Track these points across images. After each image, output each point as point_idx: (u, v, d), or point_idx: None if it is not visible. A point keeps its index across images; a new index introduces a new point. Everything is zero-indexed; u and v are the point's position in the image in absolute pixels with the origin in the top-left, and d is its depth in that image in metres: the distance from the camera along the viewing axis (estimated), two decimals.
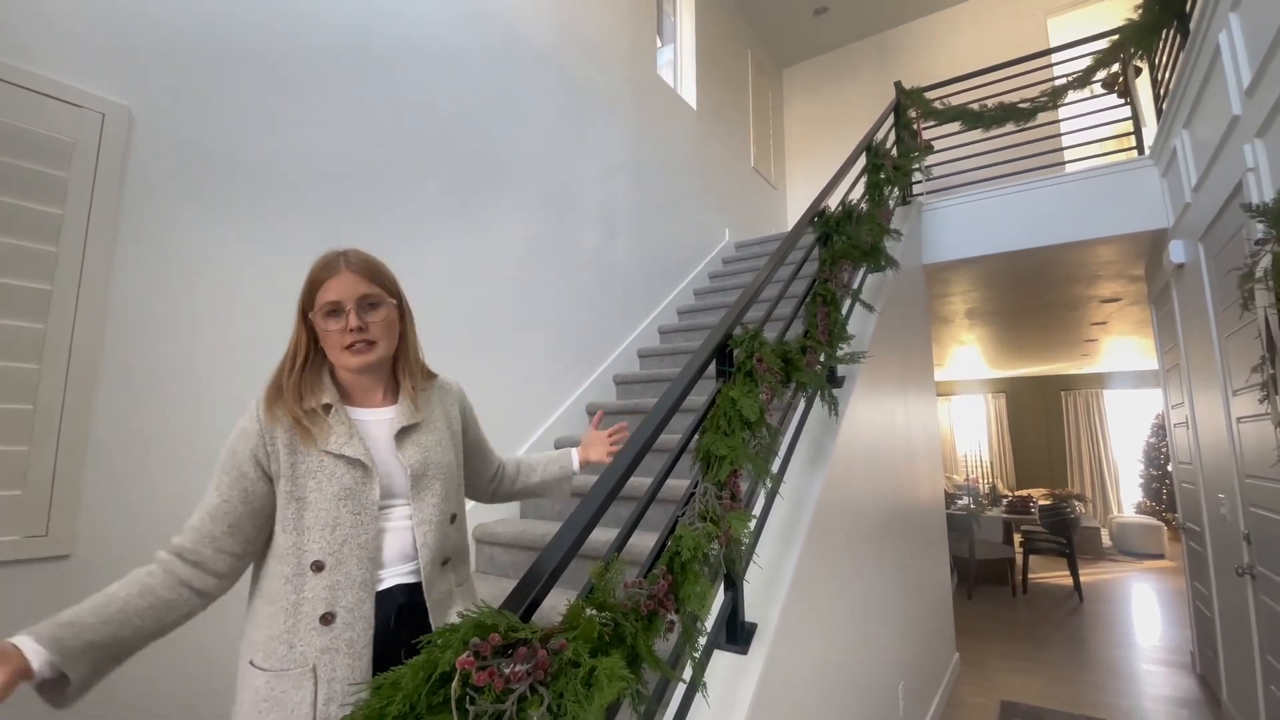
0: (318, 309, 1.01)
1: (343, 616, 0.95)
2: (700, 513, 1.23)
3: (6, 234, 1.43)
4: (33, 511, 1.43)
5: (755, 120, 5.88)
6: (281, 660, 0.93)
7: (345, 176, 2.22)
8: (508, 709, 0.72)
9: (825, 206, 2.43)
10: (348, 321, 1.01)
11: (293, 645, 0.94)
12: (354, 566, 0.97)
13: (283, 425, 0.98)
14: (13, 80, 1.47)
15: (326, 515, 0.96)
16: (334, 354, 1.03)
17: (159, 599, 0.91)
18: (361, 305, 1.02)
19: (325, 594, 0.95)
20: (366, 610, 0.97)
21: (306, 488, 0.97)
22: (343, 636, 0.95)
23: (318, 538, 0.96)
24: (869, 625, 2.20)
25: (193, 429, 1.72)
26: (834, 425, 2.04)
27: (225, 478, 0.97)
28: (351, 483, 0.98)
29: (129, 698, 1.54)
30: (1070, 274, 4.06)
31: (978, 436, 10.21)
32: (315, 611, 0.94)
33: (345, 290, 1.01)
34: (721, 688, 1.35)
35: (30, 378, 1.45)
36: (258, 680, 0.93)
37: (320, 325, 1.02)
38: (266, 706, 0.91)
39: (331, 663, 0.94)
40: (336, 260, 1.04)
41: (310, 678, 0.93)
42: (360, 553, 0.98)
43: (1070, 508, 6.01)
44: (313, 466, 0.97)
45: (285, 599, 0.95)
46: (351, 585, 0.97)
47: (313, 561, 0.95)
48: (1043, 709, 3.17)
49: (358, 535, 0.98)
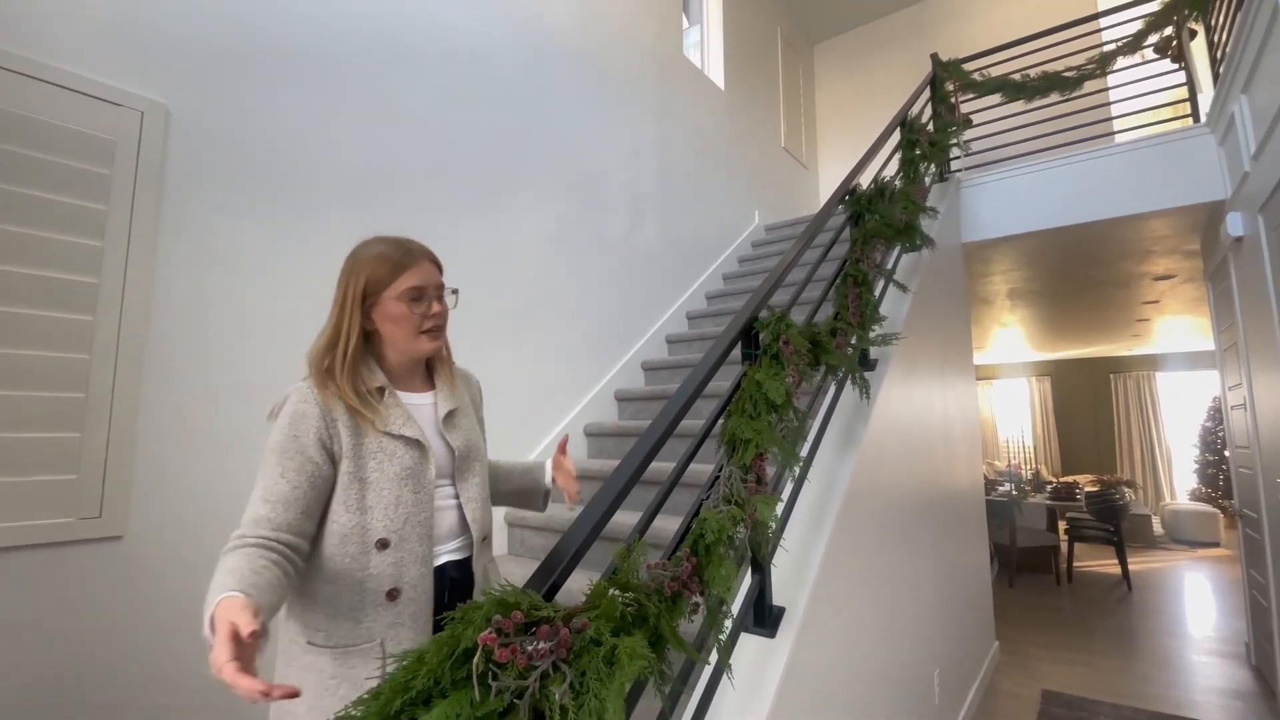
0: (399, 293, 1.03)
1: (407, 592, 0.98)
2: (725, 496, 1.22)
3: (55, 230, 1.50)
4: (87, 495, 1.51)
5: (786, 99, 5.75)
6: (348, 636, 0.95)
7: (373, 169, 2.26)
8: (530, 685, 0.73)
9: (856, 184, 2.37)
10: (430, 308, 1.06)
11: (359, 621, 0.96)
12: (415, 543, 1.00)
13: (341, 407, 0.99)
14: (57, 81, 1.52)
15: (389, 494, 0.99)
16: (407, 338, 1.05)
17: (285, 578, 0.89)
18: (440, 293, 1.09)
19: (391, 570, 0.98)
20: (428, 585, 1.01)
21: (368, 468, 0.99)
22: (407, 611, 0.98)
23: (381, 516, 0.98)
24: (902, 611, 2.16)
25: (236, 415, 1.78)
26: (865, 409, 2.00)
27: (291, 464, 0.95)
28: (411, 462, 1.01)
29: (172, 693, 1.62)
30: (1120, 250, 3.88)
31: (1021, 421, 9.90)
32: (381, 588, 0.97)
33: (428, 278, 1.07)
34: (749, 670, 1.34)
35: (81, 368, 1.52)
36: (323, 659, 0.95)
37: (397, 309, 1.03)
38: (335, 684, 0.94)
39: (398, 636, 0.97)
40: (412, 248, 1.08)
41: (379, 651, 0.96)
42: (420, 529, 1.01)
43: (1119, 494, 5.80)
44: (373, 448, 0.99)
45: (350, 577, 0.96)
46: (414, 561, 1.00)
47: (378, 539, 0.97)
48: (1086, 699, 3.08)
49: (418, 513, 1.01)
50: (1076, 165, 3.36)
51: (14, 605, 1.41)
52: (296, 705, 0.95)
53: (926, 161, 3.06)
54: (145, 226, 1.64)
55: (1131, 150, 3.23)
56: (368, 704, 0.68)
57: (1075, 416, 9.42)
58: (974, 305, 5.37)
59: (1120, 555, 5.35)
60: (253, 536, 0.89)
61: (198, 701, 1.64)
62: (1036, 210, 3.48)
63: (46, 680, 1.44)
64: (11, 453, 1.41)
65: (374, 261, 1.04)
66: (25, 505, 1.42)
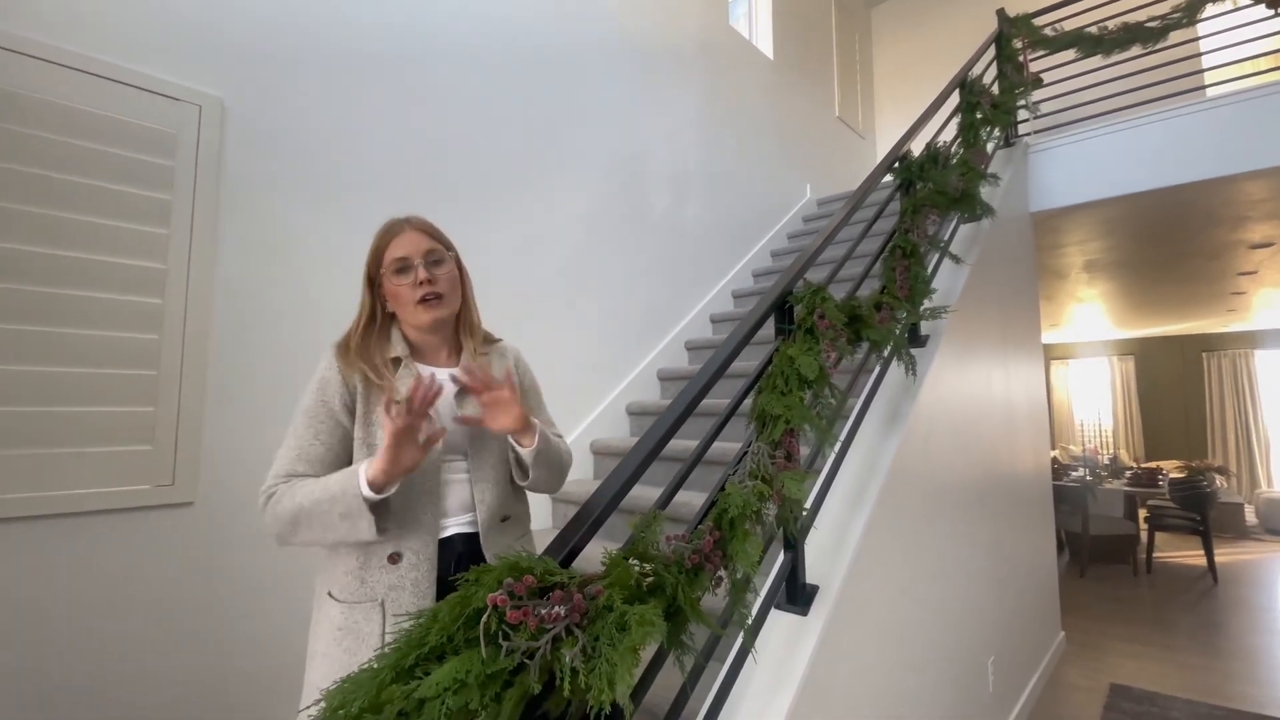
0: (386, 267, 1.08)
1: (408, 558, 1.02)
2: (752, 471, 1.20)
3: (126, 219, 1.61)
4: (161, 464, 1.63)
5: (840, 66, 5.52)
6: (354, 594, 1.01)
7: (414, 154, 2.31)
8: (542, 646, 0.75)
9: (907, 151, 2.26)
10: (416, 275, 1.06)
11: (364, 581, 1.01)
12: (419, 511, 1.04)
13: (357, 376, 1.05)
14: (121, 79, 1.63)
15: None
16: (406, 311, 1.09)
17: None
18: (428, 260, 1.09)
19: (393, 536, 1.02)
20: (430, 553, 1.04)
21: (376, 435, 1.04)
22: (408, 576, 1.02)
23: None
24: (952, 596, 2.09)
25: (293, 388, 1.88)
26: (913, 387, 1.92)
27: (324, 426, 1.03)
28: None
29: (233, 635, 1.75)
30: (1211, 216, 3.55)
31: (1100, 403, 9.31)
32: (384, 551, 1.02)
33: (411, 246, 1.08)
34: (780, 647, 1.33)
35: (152, 347, 1.64)
36: (334, 610, 1.02)
37: (391, 284, 1.08)
38: (341, 634, 1.00)
39: (398, 599, 1.00)
40: (398, 222, 1.11)
41: (379, 611, 1.00)
42: (426, 499, 1.04)
43: (1207, 481, 5.39)
44: (382, 416, 1.02)
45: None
46: (417, 529, 1.03)
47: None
48: (1158, 694, 2.91)
49: (422, 483, 1.04)
50: (1161, 124, 3.09)
51: (100, 564, 1.55)
52: (316, 647, 1.03)
53: (989, 125, 2.88)
54: (206, 214, 1.74)
55: (1224, 105, 2.93)
56: (383, 658, 0.72)
57: (1162, 398, 8.78)
58: (1045, 279, 5.05)
59: (1206, 545, 4.98)
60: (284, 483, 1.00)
61: (258, 651, 1.77)
62: (1115, 174, 3.21)
63: (127, 632, 1.59)
64: (94, 425, 1.55)
65: (372, 243, 1.11)
66: (107, 473, 1.56)
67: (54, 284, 1.51)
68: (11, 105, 1.48)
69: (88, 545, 1.54)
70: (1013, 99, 3.22)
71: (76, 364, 1.53)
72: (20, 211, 1.48)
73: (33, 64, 1.51)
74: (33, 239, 1.49)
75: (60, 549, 1.50)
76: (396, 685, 0.68)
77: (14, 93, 1.49)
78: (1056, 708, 2.84)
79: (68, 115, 1.55)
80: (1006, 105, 3.15)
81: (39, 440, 1.47)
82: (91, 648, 1.53)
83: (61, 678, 1.49)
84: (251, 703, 1.75)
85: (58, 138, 1.53)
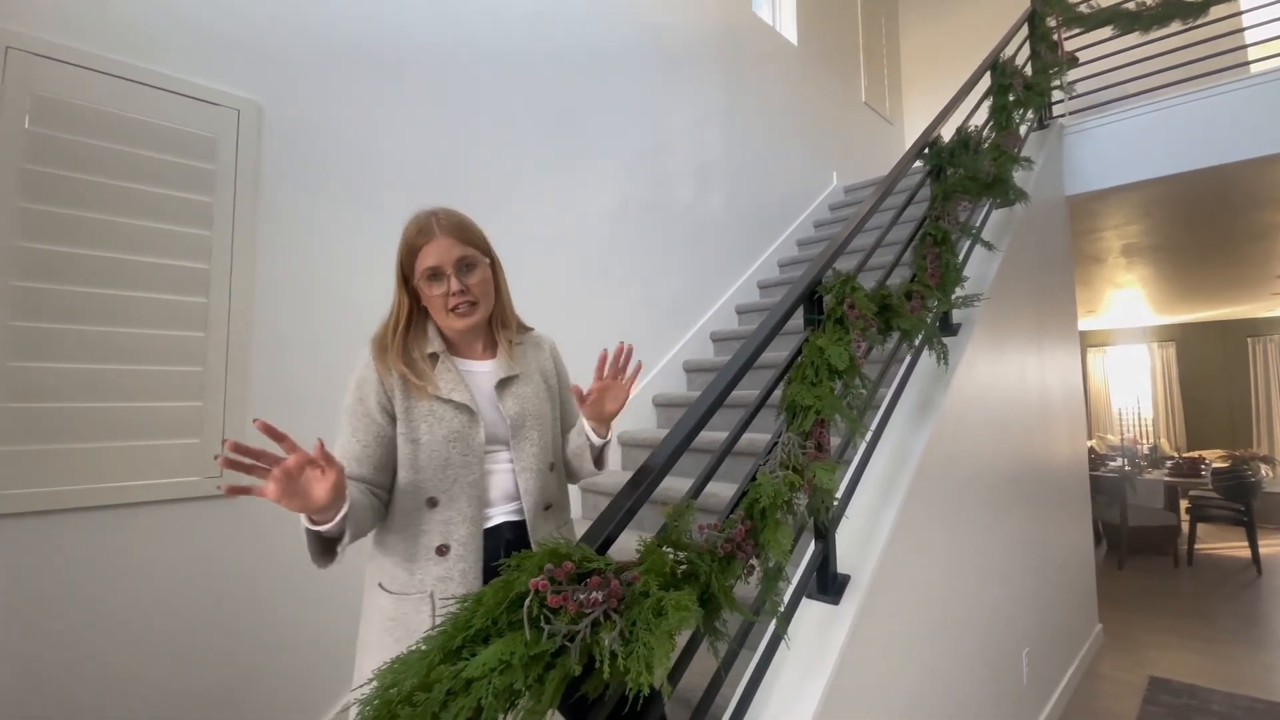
0: (419, 275, 1.06)
1: (455, 549, 1.04)
2: (782, 462, 1.21)
3: (172, 222, 1.68)
4: (208, 456, 1.70)
5: (866, 50, 5.42)
6: (404, 585, 1.04)
7: (447, 153, 2.35)
8: (581, 630, 0.77)
9: (937, 136, 2.22)
10: (449, 286, 1.06)
11: (413, 573, 1.04)
12: (464, 504, 1.05)
13: (395, 373, 1.06)
14: (163, 86, 1.69)
15: (439, 455, 1.04)
16: (439, 316, 1.09)
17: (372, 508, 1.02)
18: (459, 268, 1.07)
19: (440, 528, 1.04)
20: (477, 544, 1.06)
21: (419, 430, 1.05)
22: (456, 567, 1.04)
23: (431, 476, 1.04)
24: (985, 587, 2.07)
25: (333, 382, 1.93)
26: (945, 376, 1.90)
27: (360, 424, 1.04)
28: (459, 426, 1.06)
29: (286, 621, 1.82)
30: (1255, 197, 3.42)
31: (1139, 391, 9.05)
32: (431, 543, 1.04)
33: (442, 255, 1.05)
34: (811, 636, 1.34)
35: (198, 344, 1.70)
36: (384, 601, 1.04)
37: (424, 291, 1.07)
38: (391, 625, 1.03)
39: (446, 590, 1.02)
40: (429, 223, 1.08)
41: (428, 602, 1.02)
42: (470, 490, 1.06)
43: (1251, 470, 5.22)
44: (424, 411, 1.05)
45: (406, 530, 1.05)
46: (463, 521, 1.05)
47: (428, 498, 1.04)
48: (1198, 687, 2.84)
49: (466, 474, 1.06)
50: (1202, 102, 2.98)
51: (154, 553, 1.63)
52: (369, 638, 1.05)
53: (1021, 108, 2.81)
54: (246, 215, 1.80)
55: (1269, 82, 2.82)
56: (431, 640, 0.75)
57: (1204, 385, 8.50)
58: (1081, 264, 4.92)
59: (1251, 537, 4.83)
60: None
61: (306, 632, 1.84)
62: (1154, 155, 3.11)
63: (176, 619, 1.66)
64: (146, 419, 1.62)
65: (401, 243, 1.09)
66: (160, 465, 1.63)
67: (107, 285, 1.58)
68: (68, 115, 1.55)
69: (142, 534, 1.61)
70: (1046, 80, 3.13)
71: (129, 361, 1.60)
72: (77, 217, 1.55)
73: (86, 75, 1.58)
74: (89, 242, 1.56)
75: (116, 538, 1.58)
76: (444, 666, 0.71)
77: (70, 103, 1.55)
78: (1094, 700, 2.79)
79: (118, 123, 1.61)
80: (1040, 86, 3.07)
81: (95, 434, 1.55)
82: (146, 635, 1.61)
83: (111, 665, 1.57)
84: (294, 684, 1.82)
85: (109, 145, 1.60)
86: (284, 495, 0.81)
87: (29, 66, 1.51)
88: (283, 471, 0.80)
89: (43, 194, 1.51)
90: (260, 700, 1.77)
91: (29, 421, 1.47)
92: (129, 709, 1.57)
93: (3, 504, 1.43)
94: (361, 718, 0.70)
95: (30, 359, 1.48)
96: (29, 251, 1.49)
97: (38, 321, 1.49)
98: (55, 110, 1.54)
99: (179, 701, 1.64)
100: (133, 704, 1.58)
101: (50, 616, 1.49)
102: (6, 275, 1.46)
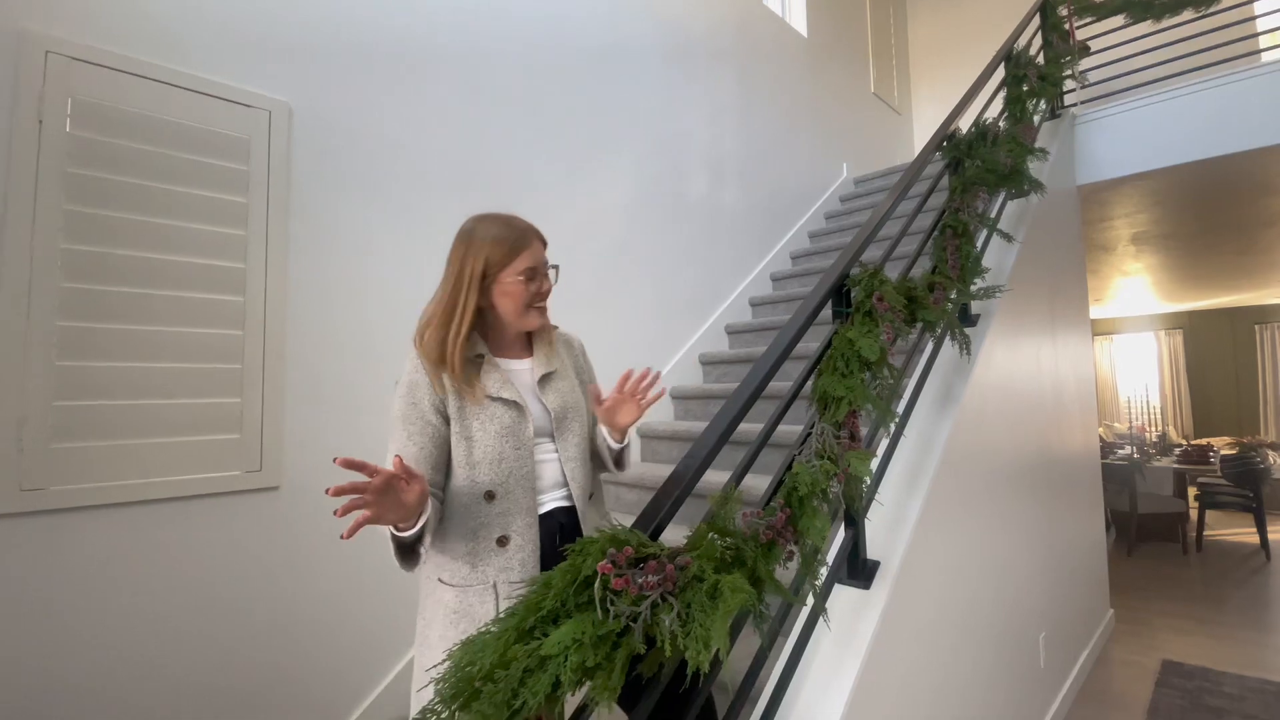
0: (511, 273, 1.11)
1: (515, 539, 1.09)
2: (817, 451, 1.24)
3: (207, 222, 1.72)
4: (249, 451, 1.74)
5: (875, 40, 5.41)
6: (466, 578, 1.08)
7: (470, 151, 2.38)
8: (642, 612, 0.81)
9: (955, 129, 2.24)
10: (541, 285, 1.15)
11: (475, 565, 1.08)
12: (520, 495, 1.10)
13: (447, 375, 1.09)
14: (197, 89, 1.72)
15: (493, 450, 1.09)
16: (517, 311, 1.13)
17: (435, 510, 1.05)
18: (546, 270, 1.17)
19: (499, 520, 1.08)
20: (534, 534, 1.10)
21: (472, 428, 1.09)
22: (515, 556, 1.08)
23: (487, 470, 1.08)
24: (1004, 573, 2.11)
25: (368, 379, 2.00)
26: (966, 366, 1.93)
27: (414, 427, 1.07)
28: (510, 421, 1.10)
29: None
30: (1266, 185, 3.43)
31: (1146, 379, 9.05)
32: (492, 535, 1.08)
33: (538, 257, 1.15)
34: (844, 620, 1.38)
35: (236, 342, 1.74)
36: (447, 595, 1.08)
37: (514, 287, 1.11)
38: (456, 617, 1.07)
39: (508, 579, 1.07)
40: (526, 229, 1.15)
41: (492, 593, 1.07)
42: (523, 482, 1.11)
43: (1260, 457, 5.24)
44: (475, 410, 1.09)
45: (466, 525, 1.08)
46: (519, 511, 1.10)
47: (485, 492, 1.08)
48: (1209, 670, 2.88)
49: (520, 467, 1.11)
50: (1214, 91, 2.98)
51: (200, 544, 1.68)
52: (430, 632, 1.09)
53: (1035, 98, 2.82)
54: (278, 215, 1.84)
55: None
56: (504, 621, 0.79)
57: (1212, 372, 8.50)
58: (1091, 253, 4.93)
59: (1259, 522, 4.87)
60: None
61: (346, 620, 1.89)
62: (1165, 144, 3.12)
63: (220, 604, 1.71)
64: (189, 416, 1.66)
65: (492, 243, 1.11)
66: (203, 460, 1.68)
67: (149, 285, 1.62)
68: (107, 118, 1.59)
69: (189, 527, 1.66)
70: (1059, 69, 3.14)
71: (170, 359, 1.64)
72: (118, 219, 1.59)
73: (122, 78, 1.61)
74: (130, 243, 1.60)
75: (160, 532, 1.62)
76: (519, 645, 0.75)
77: (109, 106, 1.59)
78: (1108, 683, 2.84)
79: (155, 126, 1.65)
80: (1053, 76, 3.08)
81: (139, 431, 1.59)
82: (184, 625, 1.66)
83: (148, 655, 1.62)
84: (326, 676, 1.88)
85: (147, 147, 1.63)
86: (382, 512, 0.86)
87: (68, 71, 1.55)
88: (374, 493, 0.84)
89: (85, 197, 1.55)
90: (293, 691, 1.82)
91: (77, 419, 1.52)
92: (172, 698, 1.62)
93: (50, 500, 1.48)
94: (440, 694, 0.75)
95: (77, 358, 1.52)
96: (74, 253, 1.53)
97: (84, 321, 1.53)
98: (94, 114, 1.57)
99: (212, 695, 1.69)
100: (172, 694, 1.63)
101: (97, 607, 1.54)
102: (53, 277, 1.50)
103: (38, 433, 1.46)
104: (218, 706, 1.68)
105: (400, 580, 1.99)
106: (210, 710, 1.67)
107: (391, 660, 2.01)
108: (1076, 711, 2.61)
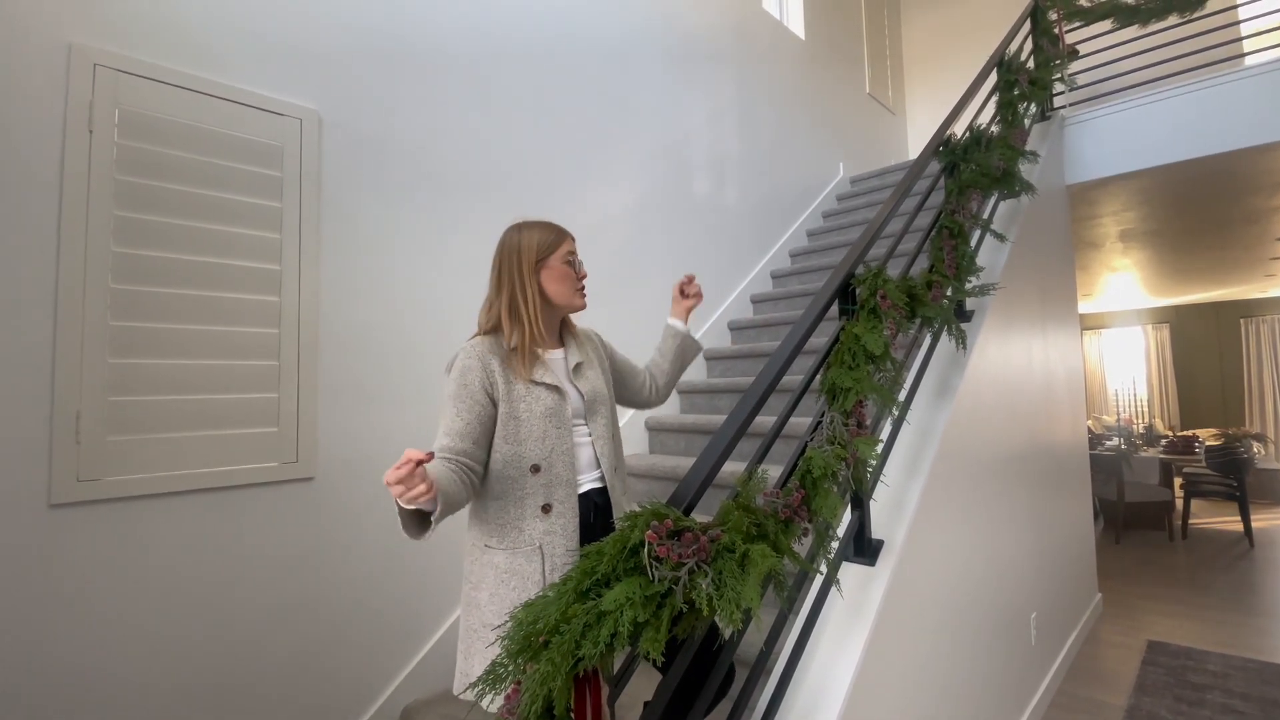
0: (561, 257, 1.29)
1: (557, 508, 1.22)
2: (828, 437, 1.35)
3: (245, 226, 1.80)
4: (285, 444, 1.84)
5: (870, 43, 5.53)
6: (515, 541, 1.20)
7: (489, 154, 2.48)
8: (682, 577, 0.92)
9: (950, 134, 2.35)
10: (580, 269, 1.33)
11: (522, 530, 1.20)
12: (561, 469, 1.23)
13: (496, 361, 1.23)
14: (233, 98, 1.81)
15: (538, 429, 1.22)
16: (569, 294, 1.31)
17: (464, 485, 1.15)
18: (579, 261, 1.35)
19: (543, 490, 1.21)
20: (573, 503, 1.24)
21: (519, 409, 1.22)
22: (558, 523, 1.21)
23: (533, 447, 1.21)
24: (998, 555, 2.23)
25: (396, 373, 2.10)
26: (961, 360, 2.05)
27: (464, 405, 1.19)
28: (552, 403, 1.24)
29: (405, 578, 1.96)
30: (1250, 184, 3.57)
31: (1134, 373, 9.24)
32: (537, 503, 1.21)
33: (573, 247, 1.33)
34: (851, 594, 1.49)
35: (272, 340, 1.83)
36: (498, 558, 1.20)
37: (562, 269, 1.29)
38: (507, 576, 1.19)
39: (552, 543, 1.20)
40: (560, 229, 1.33)
41: (539, 554, 1.19)
42: (565, 458, 1.24)
43: (1243, 448, 5.40)
44: (522, 392, 1.22)
45: (512, 495, 1.21)
46: (560, 483, 1.23)
47: (531, 465, 1.21)
48: (1194, 649, 3.02)
49: (561, 444, 1.24)
50: (1199, 93, 3.11)
51: (242, 533, 1.77)
52: (479, 594, 1.20)
53: (1026, 102, 2.94)
54: (311, 218, 1.93)
55: (1265, 73, 2.95)
56: (560, 587, 0.89)
57: (1198, 366, 8.70)
58: (1079, 250, 5.07)
59: (1243, 511, 5.03)
60: (438, 456, 1.15)
61: (377, 604, 1.99)
62: (1152, 145, 3.25)
63: (264, 585, 1.80)
64: (229, 410, 1.75)
65: (539, 234, 1.29)
66: (242, 453, 1.77)
67: (192, 286, 1.71)
68: (151, 128, 1.67)
69: (231, 516, 1.75)
70: (1049, 73, 3.25)
71: (213, 357, 1.73)
72: (163, 223, 1.67)
73: (164, 89, 1.70)
74: (175, 246, 1.69)
75: (202, 522, 1.71)
76: (578, 605, 0.85)
77: (152, 116, 1.67)
78: (1096, 661, 2.98)
79: (195, 134, 1.73)
80: (1043, 80, 3.20)
81: (184, 425, 1.68)
82: (225, 610, 1.75)
83: (201, 639, 1.71)
84: (358, 660, 1.97)
85: (188, 155, 1.72)
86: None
87: (114, 82, 1.63)
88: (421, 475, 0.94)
89: (133, 202, 1.64)
90: (327, 669, 1.92)
91: (128, 413, 1.60)
92: (213, 677, 1.72)
93: (104, 490, 1.57)
94: (506, 650, 0.85)
95: (126, 356, 1.61)
96: (123, 256, 1.61)
97: (132, 321, 1.62)
98: (139, 123, 1.66)
99: (249, 675, 1.79)
100: (214, 673, 1.72)
101: (145, 591, 1.63)
102: (104, 278, 1.59)
103: (93, 426, 1.55)
104: (254, 687, 1.78)
105: (426, 565, 2.10)
106: (247, 691, 1.76)
107: (419, 641, 2.11)
108: (1067, 686, 2.74)
